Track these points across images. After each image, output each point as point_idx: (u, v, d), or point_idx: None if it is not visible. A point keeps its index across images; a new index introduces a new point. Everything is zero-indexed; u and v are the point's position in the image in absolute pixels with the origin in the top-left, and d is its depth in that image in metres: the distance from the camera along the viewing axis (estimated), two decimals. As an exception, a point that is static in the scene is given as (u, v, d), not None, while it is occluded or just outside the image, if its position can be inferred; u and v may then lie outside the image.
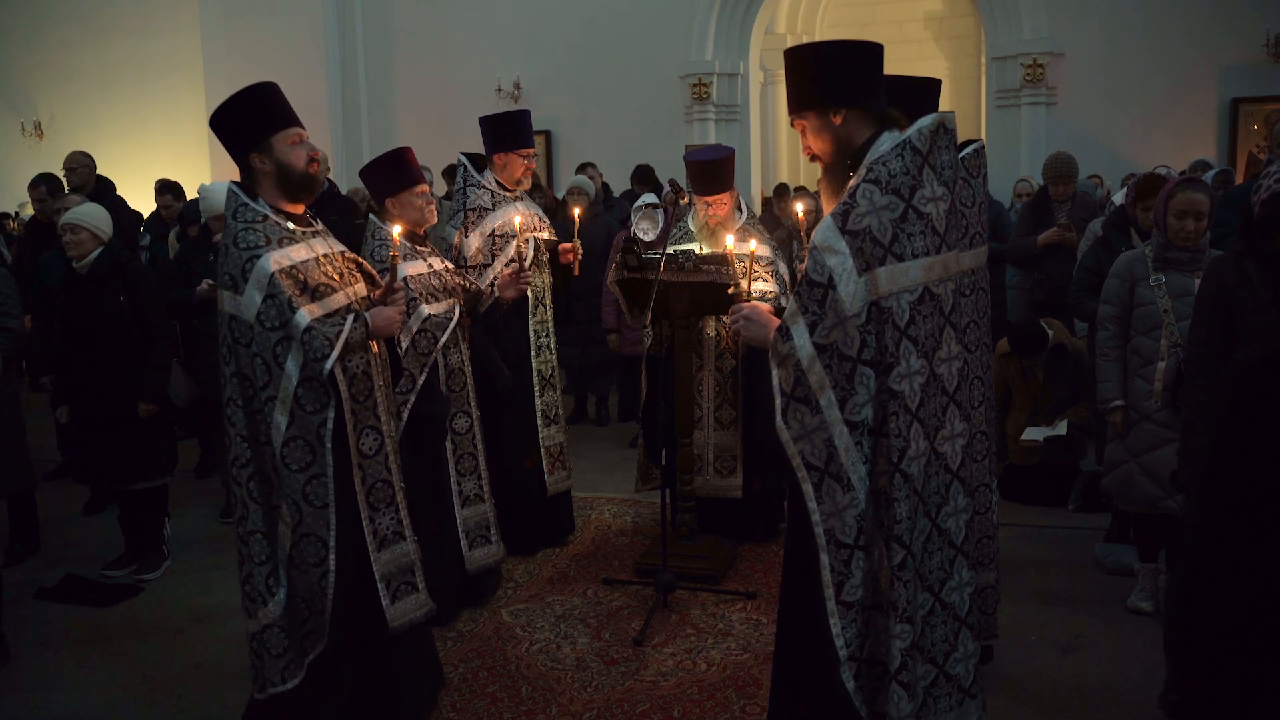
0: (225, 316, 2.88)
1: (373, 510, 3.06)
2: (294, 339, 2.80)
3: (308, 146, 2.98)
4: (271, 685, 2.93)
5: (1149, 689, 3.29)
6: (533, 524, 4.78)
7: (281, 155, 2.92)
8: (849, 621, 2.31)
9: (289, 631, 2.93)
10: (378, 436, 3.06)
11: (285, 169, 2.93)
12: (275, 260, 2.84)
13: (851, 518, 2.28)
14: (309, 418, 2.82)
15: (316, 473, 2.84)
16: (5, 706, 3.60)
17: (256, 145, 2.92)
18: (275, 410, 2.82)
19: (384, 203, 4.00)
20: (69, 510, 5.68)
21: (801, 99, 2.45)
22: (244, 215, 2.90)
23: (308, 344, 2.80)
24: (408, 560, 3.16)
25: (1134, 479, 3.92)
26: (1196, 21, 9.37)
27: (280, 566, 2.91)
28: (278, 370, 2.81)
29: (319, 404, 2.83)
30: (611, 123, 11.09)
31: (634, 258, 4.29)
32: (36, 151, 12.99)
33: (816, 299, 2.26)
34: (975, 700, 2.45)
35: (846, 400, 2.26)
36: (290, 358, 2.80)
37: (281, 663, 2.93)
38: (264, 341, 2.81)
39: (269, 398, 2.82)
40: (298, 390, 2.81)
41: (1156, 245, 3.89)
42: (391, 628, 3.09)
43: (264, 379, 2.83)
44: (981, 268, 2.46)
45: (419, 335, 3.83)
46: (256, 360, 2.82)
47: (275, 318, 2.80)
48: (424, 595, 3.20)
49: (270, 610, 2.91)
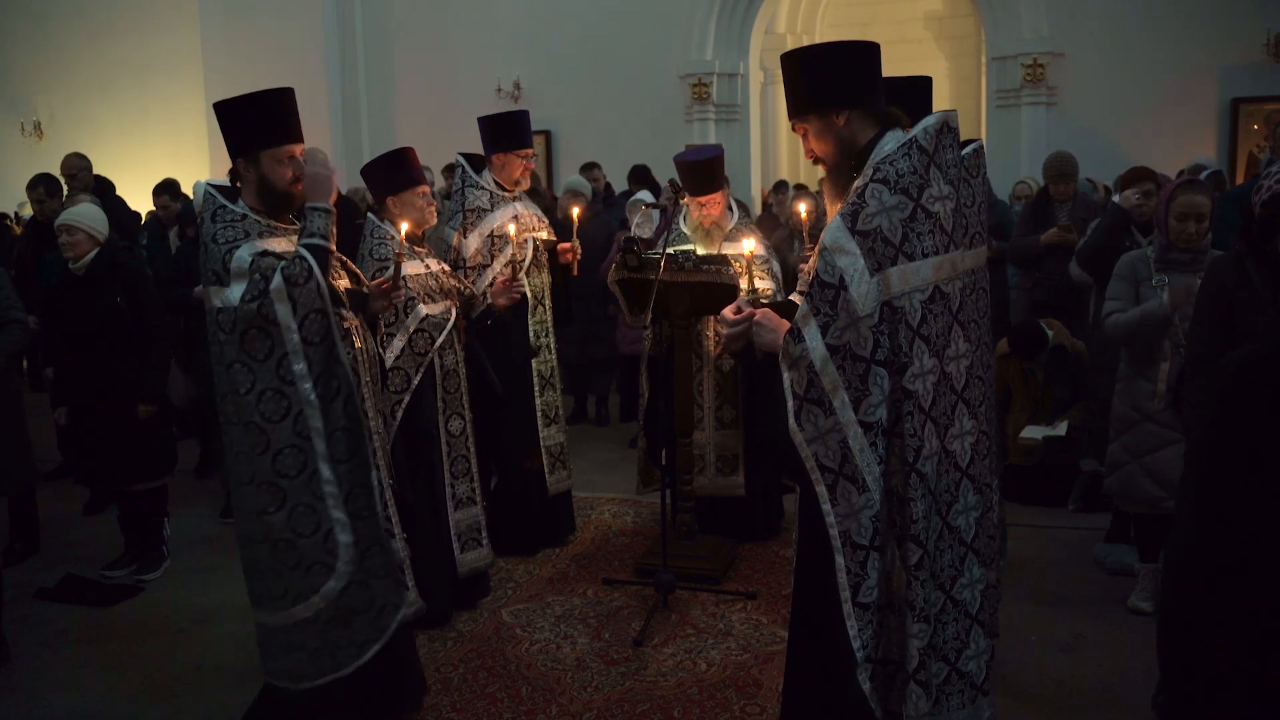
0: (213, 312, 2.87)
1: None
2: (273, 288, 2.78)
3: (295, 165, 2.96)
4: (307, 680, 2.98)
5: (1149, 689, 3.29)
6: (533, 524, 4.78)
7: (266, 169, 2.93)
8: (865, 623, 2.31)
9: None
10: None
11: (266, 182, 2.94)
12: (255, 246, 2.85)
13: (867, 519, 2.28)
14: (320, 347, 2.83)
15: (349, 392, 2.87)
16: (5, 706, 3.60)
17: (245, 153, 2.93)
18: (291, 362, 2.82)
19: (385, 201, 4.00)
20: (69, 510, 5.67)
21: (803, 102, 2.44)
22: (223, 216, 2.91)
23: (287, 274, 2.78)
24: (398, 559, 3.16)
25: (1135, 479, 3.92)
26: (1196, 21, 9.36)
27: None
28: (274, 329, 2.80)
29: (323, 332, 2.83)
30: (611, 123, 11.08)
31: (634, 258, 4.29)
32: (36, 151, 12.98)
33: (828, 300, 2.26)
34: (988, 698, 2.45)
35: (860, 401, 2.26)
36: (278, 310, 2.79)
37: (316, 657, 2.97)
38: (247, 312, 2.79)
39: (280, 356, 2.81)
40: (301, 328, 2.80)
41: (1158, 247, 3.90)
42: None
43: (265, 349, 2.81)
44: (982, 268, 2.47)
45: (416, 335, 3.83)
46: (249, 333, 2.81)
47: (254, 288, 2.80)
48: (413, 594, 3.19)
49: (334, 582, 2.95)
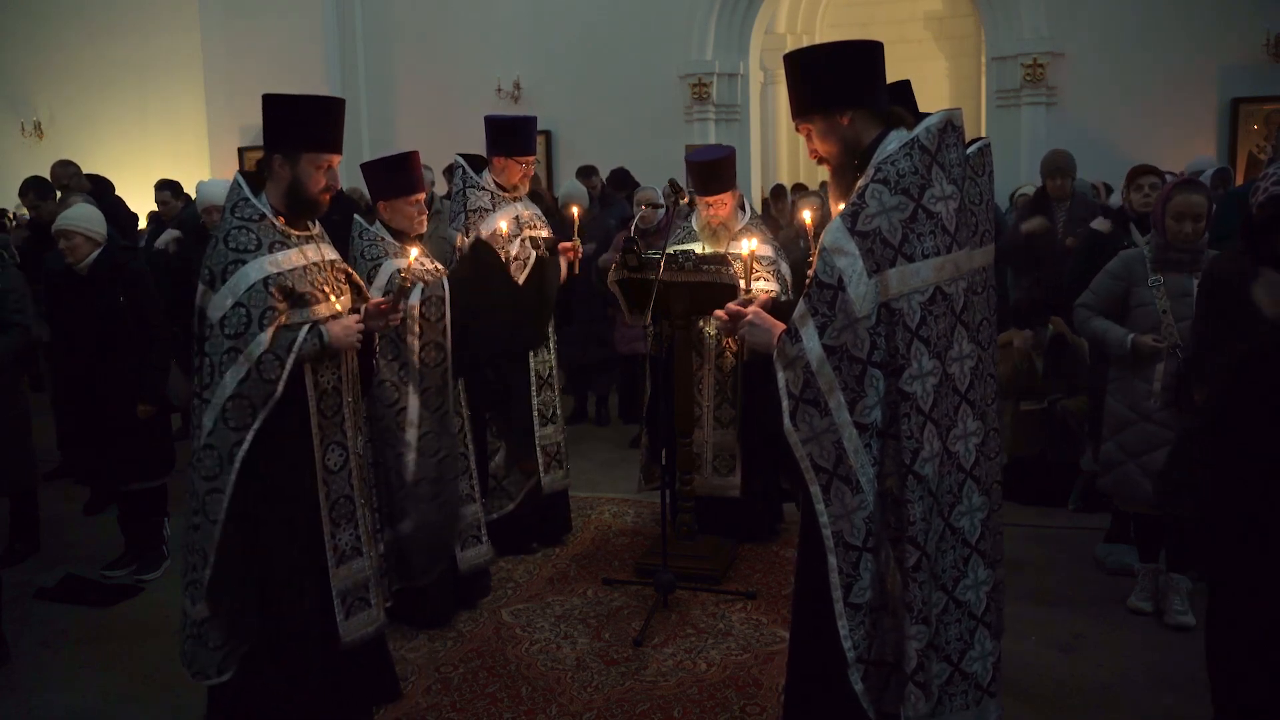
0: (198, 310, 2.88)
1: (335, 526, 3.07)
2: (244, 354, 2.78)
3: (331, 176, 2.97)
4: (204, 677, 2.95)
5: (1149, 689, 3.29)
6: (529, 524, 4.77)
7: (302, 172, 2.92)
8: (857, 623, 2.31)
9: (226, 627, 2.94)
10: (343, 452, 3.07)
11: (298, 185, 2.92)
12: (263, 267, 2.83)
13: (860, 520, 2.28)
14: (228, 433, 2.80)
15: (217, 487, 2.82)
16: (5, 706, 3.60)
17: (286, 149, 2.91)
18: (205, 414, 2.82)
19: (377, 203, 4.01)
20: (69, 510, 5.67)
21: (806, 103, 2.44)
22: (241, 211, 2.89)
23: (264, 366, 2.79)
24: (363, 576, 3.17)
25: (1134, 479, 3.92)
26: (1196, 21, 9.36)
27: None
28: (219, 377, 2.80)
29: (242, 422, 2.80)
30: (611, 123, 11.07)
31: (634, 258, 4.29)
32: (36, 151, 12.96)
33: (826, 300, 2.25)
34: (994, 699, 2.44)
35: (856, 402, 2.26)
36: (232, 369, 2.79)
37: (217, 657, 2.94)
38: (216, 345, 2.80)
39: (205, 400, 2.82)
40: (227, 402, 2.79)
41: (1156, 246, 3.90)
42: (344, 643, 3.10)
43: (206, 380, 2.83)
44: (990, 265, 2.47)
45: (425, 305, 3.79)
46: (206, 360, 2.83)
47: (236, 326, 2.79)
48: (376, 611, 3.21)
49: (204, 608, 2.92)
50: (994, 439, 2.45)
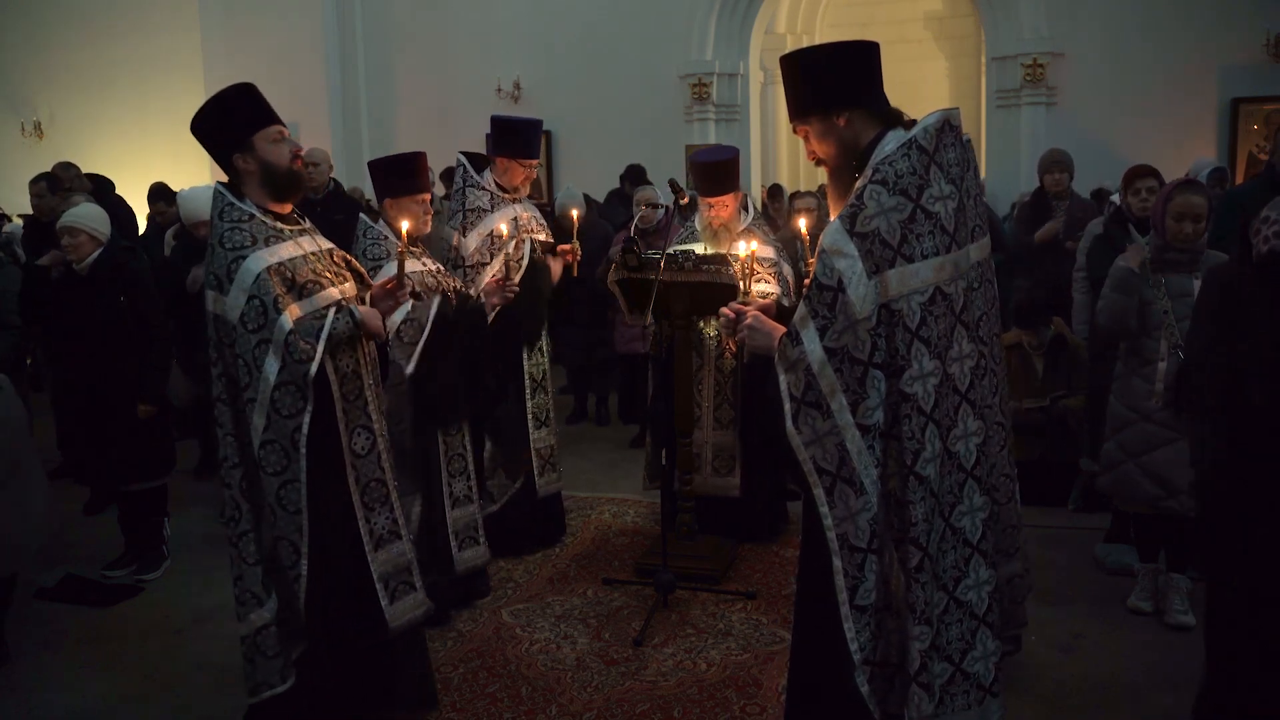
0: (211, 316, 2.88)
1: (368, 510, 3.05)
2: (273, 342, 2.78)
3: (290, 143, 2.96)
4: (268, 688, 2.93)
5: (1149, 689, 3.29)
6: (522, 526, 4.76)
7: (264, 153, 2.90)
8: (863, 625, 2.31)
9: (281, 633, 2.93)
10: (370, 436, 3.06)
11: (269, 167, 2.90)
12: (262, 258, 2.83)
13: (864, 522, 2.28)
14: (284, 422, 2.81)
15: (290, 478, 2.83)
16: (5, 706, 3.60)
17: (239, 145, 2.90)
18: (255, 412, 2.82)
19: (383, 202, 4.00)
20: (69, 510, 5.66)
21: (803, 104, 2.44)
22: (230, 215, 2.89)
23: (291, 347, 2.78)
24: (405, 560, 3.16)
25: (1134, 479, 3.93)
26: (1196, 21, 9.36)
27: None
28: (257, 372, 2.80)
29: (294, 408, 2.81)
30: (611, 123, 11.07)
31: (634, 258, 4.29)
32: (36, 151, 12.95)
33: (826, 302, 2.25)
34: (997, 699, 2.43)
35: (858, 404, 2.25)
36: (269, 360, 2.79)
37: (277, 664, 2.93)
38: (245, 343, 2.80)
39: (250, 399, 2.82)
40: (274, 393, 2.79)
41: (1155, 247, 3.90)
42: (391, 628, 3.08)
43: (245, 380, 2.82)
44: (987, 259, 2.46)
45: (404, 324, 3.79)
46: (239, 361, 2.82)
47: (256, 319, 2.79)
48: (422, 594, 3.19)
49: (264, 613, 2.91)
50: (999, 433, 2.45)
